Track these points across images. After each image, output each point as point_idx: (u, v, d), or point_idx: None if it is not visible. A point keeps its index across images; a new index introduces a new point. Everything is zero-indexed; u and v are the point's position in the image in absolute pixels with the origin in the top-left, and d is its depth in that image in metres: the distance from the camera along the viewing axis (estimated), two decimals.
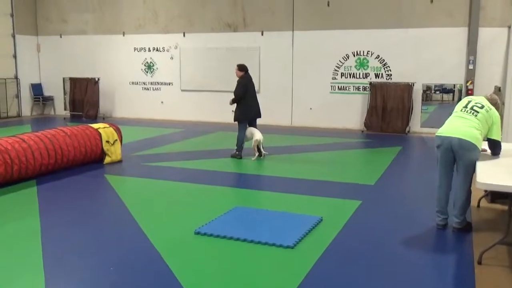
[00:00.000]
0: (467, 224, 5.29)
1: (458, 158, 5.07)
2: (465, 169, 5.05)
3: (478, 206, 6.25)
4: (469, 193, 5.17)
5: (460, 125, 5.08)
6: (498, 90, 10.78)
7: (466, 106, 5.21)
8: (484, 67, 12.27)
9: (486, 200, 6.42)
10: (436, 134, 5.25)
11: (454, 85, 14.42)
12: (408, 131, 12.92)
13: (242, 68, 9.34)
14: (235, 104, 9.29)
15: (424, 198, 6.58)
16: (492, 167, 4.81)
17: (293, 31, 14.01)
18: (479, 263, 4.40)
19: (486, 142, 5.31)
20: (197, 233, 5.13)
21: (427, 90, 14.44)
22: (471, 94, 11.97)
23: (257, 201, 6.79)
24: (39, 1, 17.03)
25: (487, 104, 5.17)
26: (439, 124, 5.49)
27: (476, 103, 5.19)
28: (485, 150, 5.33)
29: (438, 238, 5.20)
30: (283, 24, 14.08)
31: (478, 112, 5.09)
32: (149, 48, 15.88)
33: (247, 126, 9.29)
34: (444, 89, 17.53)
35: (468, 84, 12.37)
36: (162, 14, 15.49)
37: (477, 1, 12.08)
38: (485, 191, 6.23)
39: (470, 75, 12.38)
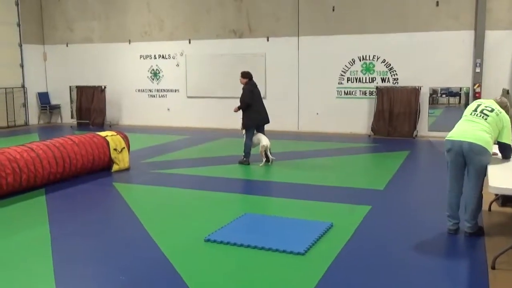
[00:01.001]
0: (479, 228, 5.25)
1: (469, 162, 5.03)
2: (476, 173, 5.01)
3: (489, 210, 6.20)
4: (480, 197, 5.13)
5: (470, 128, 5.05)
6: (507, 93, 10.73)
7: (475, 110, 5.18)
8: (491, 70, 12.22)
9: (497, 204, 6.37)
10: (446, 138, 5.22)
11: (461, 88, 14.38)
12: (416, 135, 12.87)
13: (245, 75, 9.33)
14: (240, 111, 9.28)
15: (434, 203, 6.54)
16: (503, 170, 4.78)
17: (298, 36, 14.02)
18: (493, 268, 4.35)
19: (496, 146, 5.27)
20: (208, 240, 5.11)
21: (433, 94, 14.36)
22: (479, 97, 11.91)
23: (266, 207, 6.77)
24: (45, 10, 17.14)
25: (497, 107, 5.13)
26: (446, 127, 5.47)
27: (486, 106, 5.16)
28: (495, 154, 5.30)
29: (450, 243, 5.16)
30: (288, 29, 14.09)
31: (488, 115, 5.06)
32: (155, 56, 15.94)
33: (255, 132, 9.27)
34: (450, 93, 17.45)
35: (475, 87, 12.33)
36: (168, 22, 15.55)
37: (483, 4, 12.05)
38: (496, 194, 6.18)
39: (477, 78, 12.33)
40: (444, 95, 17.88)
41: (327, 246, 4.98)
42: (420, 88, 12.85)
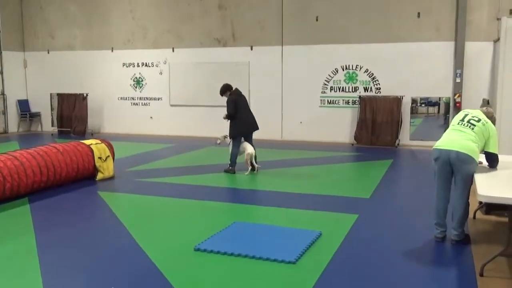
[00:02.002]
0: (466, 236, 5.33)
1: (456, 171, 5.12)
2: (463, 182, 5.10)
3: (474, 218, 6.30)
4: (467, 205, 5.22)
5: (457, 138, 5.14)
6: (487, 103, 10.93)
7: (463, 120, 5.28)
8: (471, 80, 12.46)
9: (481, 212, 6.48)
10: (434, 147, 5.30)
11: (440, 98, 14.63)
12: (398, 144, 13.03)
13: (222, 91, 9.33)
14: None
15: (420, 211, 6.62)
16: (491, 179, 4.87)
17: (282, 45, 14.11)
18: (481, 275, 4.42)
19: (483, 155, 5.37)
20: (197, 249, 5.08)
21: (413, 103, 14.60)
22: (459, 107, 12.14)
23: (255, 216, 6.77)
24: (26, 17, 16.95)
25: (483, 117, 5.24)
26: (427, 136, 5.58)
27: (472, 116, 5.26)
28: (481, 163, 5.39)
29: (437, 250, 5.22)
30: (272, 38, 14.18)
31: (474, 125, 5.16)
32: (138, 64, 15.87)
33: (243, 140, 9.28)
34: (429, 102, 17.75)
35: (456, 97, 12.55)
36: (151, 29, 15.51)
37: (463, 16, 12.31)
38: (480, 202, 6.29)
39: (458, 88, 12.56)
40: (423, 105, 18.20)
41: (318, 254, 4.99)
42: (402, 98, 13.03)
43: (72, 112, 16.07)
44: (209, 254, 4.98)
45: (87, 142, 8.85)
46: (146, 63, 15.76)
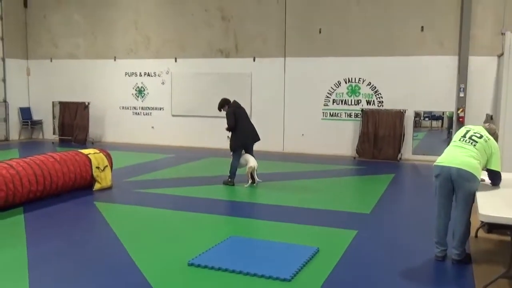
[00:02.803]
0: (467, 255, 5.20)
1: (457, 188, 5.00)
2: (464, 200, 4.98)
3: (476, 236, 6.16)
4: (468, 224, 5.09)
5: (458, 154, 5.03)
6: (490, 118, 10.83)
7: (464, 136, 5.17)
8: (475, 95, 12.36)
9: (483, 230, 6.34)
10: (435, 163, 5.18)
11: (443, 112, 14.52)
12: (400, 158, 12.90)
13: (220, 106, 9.31)
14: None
15: (421, 228, 6.49)
16: (493, 198, 4.75)
17: (285, 57, 14.06)
18: None
19: (485, 172, 5.25)
20: (191, 264, 4.97)
21: (416, 117, 14.50)
22: (463, 122, 12.03)
23: (252, 230, 6.65)
24: (30, 25, 16.98)
25: (485, 134, 5.13)
26: (430, 151, 5.48)
27: (474, 132, 5.15)
28: (483, 180, 5.28)
29: (438, 270, 5.08)
30: (275, 50, 14.13)
31: (476, 142, 5.05)
32: (140, 73, 15.84)
33: (244, 152, 9.18)
34: (433, 116, 17.66)
35: (459, 112, 12.43)
36: (154, 39, 15.50)
37: (467, 30, 12.24)
38: (482, 221, 6.15)
39: (461, 103, 12.46)
40: (427, 119, 18.10)
41: (314, 272, 4.87)
42: (405, 111, 12.92)
43: (73, 121, 16.03)
44: (203, 270, 4.86)
45: (85, 151, 8.77)
46: (148, 72, 15.72)
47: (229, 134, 9.25)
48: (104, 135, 16.41)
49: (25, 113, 17.03)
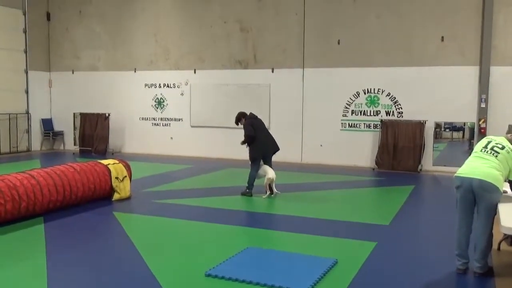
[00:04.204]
0: (489, 268, 5.09)
1: (479, 200, 4.90)
2: (486, 211, 4.88)
3: (499, 249, 6.02)
4: (490, 236, 4.99)
5: (480, 165, 4.94)
6: None
7: (486, 147, 5.08)
8: (497, 106, 12.17)
9: (506, 243, 6.20)
10: (456, 174, 5.10)
11: (464, 123, 14.32)
12: (420, 170, 12.73)
13: (237, 119, 9.41)
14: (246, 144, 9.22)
15: (441, 240, 6.37)
16: None
17: (303, 68, 14.06)
18: None
19: (507, 184, 5.14)
20: (208, 275, 4.95)
21: (437, 128, 14.32)
22: (484, 133, 11.84)
23: (269, 241, 6.61)
24: (53, 38, 17.31)
25: (507, 144, 5.03)
26: (451, 162, 5.40)
27: (496, 143, 5.06)
28: (505, 192, 5.17)
29: (459, 283, 4.98)
30: (293, 61, 14.14)
31: (498, 152, 4.96)
32: (160, 84, 15.99)
33: (262, 163, 9.17)
34: (454, 127, 17.42)
35: (480, 123, 12.25)
36: (174, 51, 15.65)
37: (488, 40, 12.09)
38: (505, 234, 6.02)
39: (483, 114, 12.27)
40: (447, 130, 17.86)
41: (332, 284, 4.81)
42: (425, 122, 12.78)
43: (94, 132, 16.22)
44: (220, 280, 4.84)
45: (104, 162, 8.85)
46: (167, 84, 15.86)
47: (246, 146, 9.24)
48: (124, 146, 16.57)
49: (47, 124, 17.31)
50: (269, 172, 9.01)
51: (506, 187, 5.14)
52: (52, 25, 17.28)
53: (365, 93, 13.54)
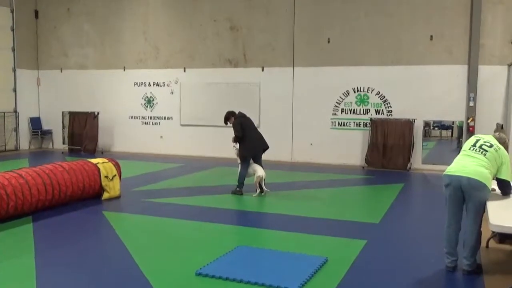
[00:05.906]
0: (478, 266, 5.12)
1: (468, 198, 4.94)
2: (475, 209, 4.92)
3: (487, 247, 6.07)
4: (479, 234, 5.02)
5: (469, 164, 4.98)
6: (501, 128, 10.73)
7: (474, 145, 5.11)
8: (485, 104, 12.27)
9: (494, 240, 6.25)
10: (445, 173, 5.13)
11: (453, 121, 14.42)
12: (410, 168, 12.81)
13: (225, 119, 9.35)
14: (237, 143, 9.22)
15: (431, 238, 6.41)
16: (504, 207, 4.69)
17: (293, 67, 14.08)
18: None
19: (495, 182, 5.19)
20: (199, 274, 4.94)
21: (426, 126, 14.42)
22: (473, 131, 11.94)
23: (260, 240, 6.60)
24: (41, 36, 17.16)
25: (495, 143, 5.07)
26: (440, 160, 5.42)
27: (484, 142, 5.10)
28: (494, 190, 5.21)
29: (448, 281, 5.01)
30: (283, 60, 14.15)
31: (487, 151, 5.00)
32: (149, 83, 15.92)
33: (252, 162, 9.17)
34: (442, 126, 17.56)
35: (469, 121, 12.34)
36: (163, 49, 15.59)
37: (477, 39, 12.19)
38: (493, 231, 6.08)
39: (471, 112, 12.37)
40: (436, 128, 18.00)
41: (322, 282, 4.82)
42: (414, 121, 12.85)
43: (83, 130, 16.11)
44: (210, 279, 4.83)
45: (94, 161, 8.80)
46: (157, 82, 15.80)
47: (236, 145, 9.25)
48: (113, 145, 16.48)
49: (35, 123, 17.16)
50: (258, 171, 9.02)
51: (494, 185, 5.18)
52: (40, 23, 17.13)
53: (354, 92, 13.59)
